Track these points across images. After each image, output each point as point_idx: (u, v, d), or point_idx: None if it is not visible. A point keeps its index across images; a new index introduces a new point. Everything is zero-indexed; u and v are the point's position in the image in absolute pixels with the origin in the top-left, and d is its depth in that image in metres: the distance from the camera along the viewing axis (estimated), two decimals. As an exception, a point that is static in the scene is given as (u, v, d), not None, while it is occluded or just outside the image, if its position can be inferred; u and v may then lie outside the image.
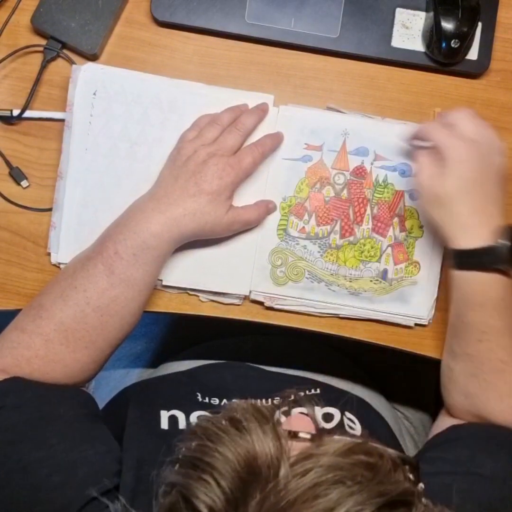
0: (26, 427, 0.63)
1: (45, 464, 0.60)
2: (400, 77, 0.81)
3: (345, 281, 0.79)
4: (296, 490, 0.42)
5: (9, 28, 0.79)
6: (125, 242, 0.69)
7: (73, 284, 0.70)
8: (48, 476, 0.59)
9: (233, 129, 0.74)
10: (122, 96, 0.78)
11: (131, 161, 0.78)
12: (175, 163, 0.74)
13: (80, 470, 0.60)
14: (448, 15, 0.76)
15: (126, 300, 0.70)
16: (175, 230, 0.70)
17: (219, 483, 0.43)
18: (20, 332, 0.70)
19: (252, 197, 0.78)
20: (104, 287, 0.69)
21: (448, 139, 0.69)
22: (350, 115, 0.79)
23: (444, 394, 0.79)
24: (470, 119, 0.70)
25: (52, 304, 0.70)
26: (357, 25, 0.79)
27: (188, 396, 0.77)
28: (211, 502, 0.42)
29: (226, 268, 0.78)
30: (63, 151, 0.78)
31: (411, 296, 0.79)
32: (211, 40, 0.80)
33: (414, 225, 0.79)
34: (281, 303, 0.79)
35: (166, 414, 0.72)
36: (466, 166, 0.68)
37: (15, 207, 0.79)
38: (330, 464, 0.43)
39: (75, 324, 0.69)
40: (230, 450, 0.44)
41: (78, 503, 0.57)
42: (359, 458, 0.45)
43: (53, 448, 0.61)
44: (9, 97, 0.79)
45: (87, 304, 0.69)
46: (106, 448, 0.64)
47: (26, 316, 0.71)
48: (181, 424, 0.71)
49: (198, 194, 0.70)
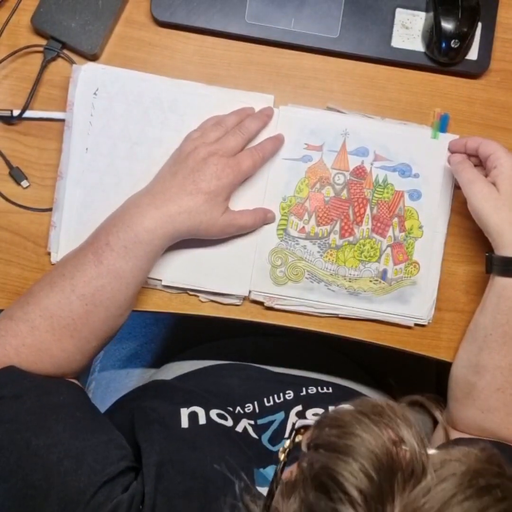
0: (29, 416, 0.63)
1: (55, 450, 0.60)
2: (400, 77, 0.81)
3: (344, 281, 0.79)
4: (442, 496, 0.41)
5: (9, 28, 0.79)
6: (117, 234, 0.69)
7: (62, 271, 0.70)
8: (59, 460, 0.60)
9: (236, 132, 0.75)
10: (122, 96, 0.78)
11: (131, 161, 0.78)
12: (175, 159, 0.74)
13: (87, 456, 0.60)
14: (448, 15, 0.76)
15: (113, 291, 0.69)
16: (169, 226, 0.70)
17: (366, 470, 0.42)
18: (8, 319, 0.70)
19: (252, 197, 0.78)
20: (91, 276, 0.69)
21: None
22: (350, 115, 0.79)
23: (453, 407, 0.78)
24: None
25: (40, 290, 0.70)
26: (357, 25, 0.79)
27: (205, 397, 0.76)
28: (361, 485, 0.42)
29: (225, 269, 0.78)
30: (63, 151, 0.78)
31: (410, 296, 0.79)
32: (211, 40, 0.80)
33: (414, 225, 0.79)
34: (281, 303, 0.79)
35: (186, 411, 0.71)
36: None
37: (15, 207, 0.79)
38: (474, 470, 0.43)
39: (60, 311, 0.69)
40: (372, 438, 0.44)
41: (92, 488, 0.58)
42: (496, 467, 0.45)
43: (59, 436, 0.62)
44: (9, 97, 0.79)
45: (72, 291, 0.68)
46: (107, 438, 0.64)
47: (16, 303, 0.72)
48: (201, 419, 0.70)
49: (195, 193, 0.70)
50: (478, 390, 0.74)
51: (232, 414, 0.74)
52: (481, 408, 0.74)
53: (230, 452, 0.66)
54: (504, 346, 0.72)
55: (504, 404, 0.72)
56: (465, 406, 0.76)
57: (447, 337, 0.80)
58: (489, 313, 0.73)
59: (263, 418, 0.75)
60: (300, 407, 0.75)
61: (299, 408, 0.74)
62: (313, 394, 0.77)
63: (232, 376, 0.84)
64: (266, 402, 0.77)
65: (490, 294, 0.73)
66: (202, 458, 0.64)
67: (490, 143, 0.74)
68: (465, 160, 0.76)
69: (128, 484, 0.60)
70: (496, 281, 0.72)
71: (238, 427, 0.72)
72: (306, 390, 0.77)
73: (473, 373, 0.74)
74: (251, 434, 0.72)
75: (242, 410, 0.76)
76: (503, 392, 0.72)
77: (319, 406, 0.74)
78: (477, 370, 0.74)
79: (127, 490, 0.59)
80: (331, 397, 0.77)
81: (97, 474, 0.59)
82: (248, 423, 0.73)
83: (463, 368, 0.76)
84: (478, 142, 0.75)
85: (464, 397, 0.76)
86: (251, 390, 0.80)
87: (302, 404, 0.75)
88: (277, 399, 0.77)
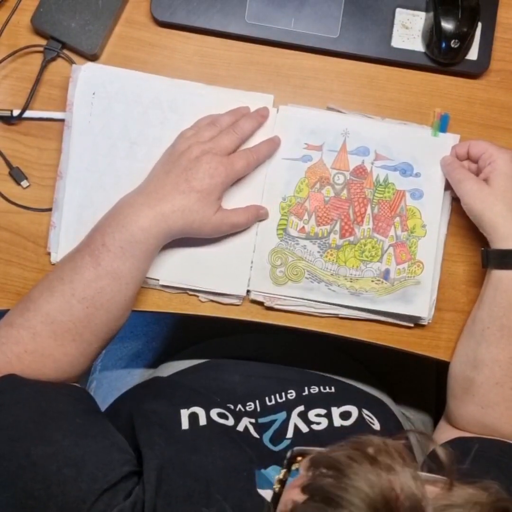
0: (29, 424, 0.63)
1: (54, 459, 0.60)
2: (400, 77, 0.81)
3: (345, 281, 0.79)
4: None
5: (9, 28, 0.79)
6: (112, 234, 0.69)
7: (60, 275, 0.70)
8: (58, 470, 0.59)
9: (230, 131, 0.75)
10: (122, 96, 0.78)
11: (131, 161, 0.78)
12: (168, 158, 0.74)
13: (88, 463, 0.60)
14: (448, 15, 0.76)
15: (112, 292, 0.69)
16: (163, 225, 0.70)
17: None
18: (9, 327, 0.70)
19: (250, 198, 0.78)
20: (90, 278, 0.69)
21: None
22: (350, 115, 0.79)
23: (453, 405, 0.78)
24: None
25: (39, 296, 0.70)
26: (357, 25, 0.79)
27: (206, 395, 0.76)
28: None
29: (223, 268, 0.78)
30: (63, 151, 0.78)
31: (413, 296, 0.79)
32: (211, 40, 0.80)
33: (416, 224, 0.79)
34: (281, 303, 0.79)
35: (186, 412, 0.70)
36: None
37: (15, 207, 0.79)
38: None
39: (61, 315, 0.69)
40: (368, 486, 0.41)
41: (92, 496, 0.57)
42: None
43: (58, 444, 0.61)
44: (9, 97, 0.79)
45: (72, 295, 0.68)
46: (109, 442, 0.64)
47: (15, 310, 0.71)
48: (201, 420, 0.70)
49: (187, 191, 0.71)
50: (477, 385, 0.74)
51: (233, 412, 0.74)
52: (480, 403, 0.74)
53: (231, 453, 0.66)
54: (501, 339, 0.72)
55: (503, 398, 0.72)
56: (465, 403, 0.75)
57: (447, 337, 0.80)
58: (486, 307, 0.73)
59: (265, 417, 0.75)
60: (302, 407, 0.75)
61: (302, 409, 0.74)
62: (315, 393, 0.76)
63: (233, 372, 0.84)
64: (268, 401, 0.77)
65: (487, 288, 0.73)
66: (203, 460, 0.64)
67: (478, 143, 0.75)
68: (455, 161, 0.77)
69: (131, 489, 0.59)
70: (492, 275, 0.72)
71: (239, 426, 0.72)
72: (309, 389, 0.77)
73: (471, 368, 0.74)
74: (252, 434, 0.72)
75: (243, 408, 0.76)
76: (502, 386, 0.72)
77: (322, 407, 0.74)
78: (475, 364, 0.74)
79: (129, 495, 0.59)
80: (333, 396, 0.77)
81: (98, 482, 0.58)
82: (249, 422, 0.73)
83: (462, 363, 0.76)
84: (467, 145, 0.76)
85: (463, 393, 0.76)
86: (253, 388, 0.80)
87: (304, 404, 0.75)
88: (279, 399, 0.77)
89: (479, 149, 0.74)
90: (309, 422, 0.72)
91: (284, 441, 0.71)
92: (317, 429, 0.71)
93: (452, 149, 0.78)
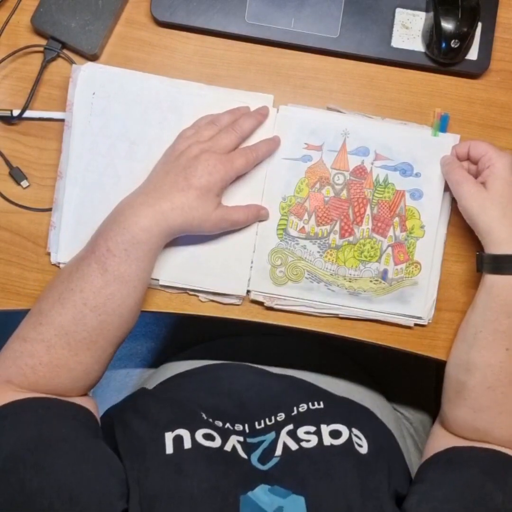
0: (27, 453, 0.61)
1: (47, 493, 0.59)
2: (400, 77, 0.81)
3: (344, 281, 0.79)
4: None
5: (9, 28, 0.79)
6: (115, 238, 0.69)
7: (70, 286, 0.70)
8: (51, 505, 0.58)
9: (229, 130, 0.75)
10: (121, 96, 0.78)
11: (131, 161, 0.78)
12: (168, 158, 0.74)
13: (84, 495, 0.59)
14: (448, 15, 0.76)
15: (122, 297, 0.70)
16: (164, 223, 0.70)
17: None
18: (22, 341, 0.70)
19: (250, 197, 0.78)
20: (100, 285, 0.69)
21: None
22: (350, 115, 0.79)
23: (446, 408, 0.78)
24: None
25: (50, 308, 0.70)
26: (357, 25, 0.79)
27: (192, 414, 0.74)
28: None
29: (223, 268, 0.78)
30: (63, 151, 0.78)
31: (410, 296, 0.79)
32: (211, 40, 0.80)
33: (415, 225, 0.79)
34: (280, 303, 0.79)
35: (170, 436, 0.68)
36: None
37: (15, 207, 0.79)
38: None
39: (75, 326, 0.69)
40: None
41: None
42: None
43: (53, 475, 0.60)
44: (9, 97, 0.79)
45: (84, 304, 0.69)
46: (108, 471, 0.62)
47: (26, 324, 0.71)
48: (186, 444, 0.67)
49: (186, 189, 0.71)
50: (469, 389, 0.73)
51: (221, 431, 0.72)
52: (472, 407, 0.73)
53: (216, 477, 0.64)
54: (494, 344, 0.72)
55: (495, 402, 0.72)
56: (457, 406, 0.75)
57: (446, 337, 0.80)
58: (479, 311, 0.73)
59: (253, 438, 0.73)
60: (291, 426, 0.73)
61: (291, 427, 0.73)
62: (303, 412, 0.75)
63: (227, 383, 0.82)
64: (257, 425, 0.75)
65: (480, 292, 0.73)
66: (188, 484, 0.62)
67: (479, 144, 0.74)
68: (455, 161, 0.76)
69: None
70: (486, 279, 0.72)
71: (227, 446, 0.69)
72: (297, 409, 0.76)
73: (464, 371, 0.74)
74: (240, 454, 0.69)
75: (231, 427, 0.74)
76: (494, 391, 0.72)
77: (310, 424, 0.72)
78: (468, 368, 0.73)
79: None
80: (322, 412, 0.75)
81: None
82: (237, 440, 0.71)
83: (455, 366, 0.76)
84: (467, 146, 0.75)
85: (456, 396, 0.75)
86: (243, 410, 0.78)
87: (293, 423, 0.73)
88: (268, 422, 0.75)
89: (479, 151, 0.74)
90: (298, 439, 0.70)
91: (273, 459, 0.69)
92: (307, 446, 0.69)
93: (452, 149, 0.78)
